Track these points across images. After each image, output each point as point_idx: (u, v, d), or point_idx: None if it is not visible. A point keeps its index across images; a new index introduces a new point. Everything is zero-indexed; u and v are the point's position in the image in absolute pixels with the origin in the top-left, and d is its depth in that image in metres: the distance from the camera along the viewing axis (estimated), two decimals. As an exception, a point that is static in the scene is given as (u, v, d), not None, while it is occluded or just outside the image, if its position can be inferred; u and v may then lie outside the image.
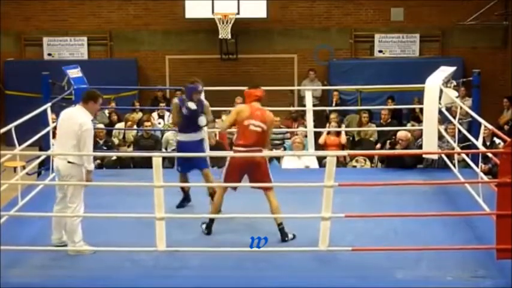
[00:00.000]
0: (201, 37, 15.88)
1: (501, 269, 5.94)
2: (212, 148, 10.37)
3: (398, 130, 10.16)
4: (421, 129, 9.63)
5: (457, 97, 8.96)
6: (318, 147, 10.85)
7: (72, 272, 6.09)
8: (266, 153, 7.80)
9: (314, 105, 10.78)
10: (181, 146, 7.81)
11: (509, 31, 15.68)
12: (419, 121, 12.47)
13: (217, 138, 11.33)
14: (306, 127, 10.35)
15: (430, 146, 9.06)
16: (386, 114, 12.63)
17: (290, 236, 6.73)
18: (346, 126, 13.02)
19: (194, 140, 7.72)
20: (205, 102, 7.93)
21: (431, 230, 6.77)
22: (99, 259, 6.24)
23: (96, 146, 10.72)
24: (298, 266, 6.12)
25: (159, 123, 13.24)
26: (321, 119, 13.02)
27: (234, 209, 7.32)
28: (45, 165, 9.04)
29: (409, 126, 12.41)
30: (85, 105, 6.59)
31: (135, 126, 12.44)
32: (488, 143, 9.74)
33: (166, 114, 13.51)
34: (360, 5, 16.08)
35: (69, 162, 6.45)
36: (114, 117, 13.46)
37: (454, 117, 8.86)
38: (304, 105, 10.49)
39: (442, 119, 9.45)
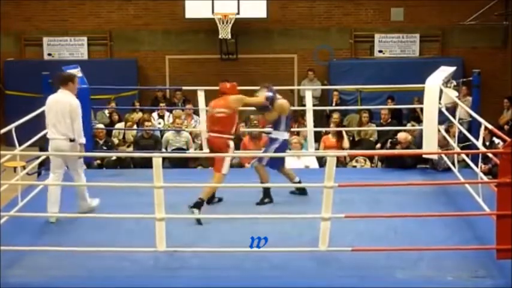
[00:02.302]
0: (201, 37, 15.89)
1: (501, 269, 5.94)
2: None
3: (399, 130, 10.17)
4: (421, 129, 9.63)
5: (457, 97, 8.95)
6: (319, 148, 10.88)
7: (72, 272, 6.08)
8: (267, 154, 7.83)
9: (314, 105, 10.78)
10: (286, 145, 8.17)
11: (509, 31, 15.68)
12: (419, 121, 12.48)
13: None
14: (305, 127, 10.35)
15: (430, 146, 9.05)
16: (386, 114, 12.64)
17: (196, 211, 7.13)
18: (346, 126, 13.04)
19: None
20: (279, 101, 7.95)
21: (431, 230, 6.77)
22: (99, 259, 6.24)
23: (96, 146, 10.74)
24: (298, 266, 6.12)
25: (159, 123, 13.24)
26: (320, 119, 13.03)
27: (234, 209, 7.34)
28: (45, 165, 9.04)
29: (409, 126, 12.42)
30: (66, 87, 7.35)
31: (135, 126, 12.44)
32: (487, 143, 9.73)
33: (166, 114, 13.51)
34: (360, 5, 16.09)
35: (70, 140, 7.27)
36: (115, 117, 13.46)
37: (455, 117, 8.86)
38: (304, 105, 10.51)
39: (443, 119, 9.44)
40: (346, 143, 11.18)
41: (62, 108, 7.27)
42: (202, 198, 7.25)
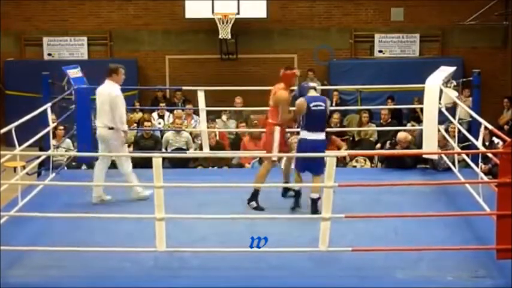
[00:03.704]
0: (201, 37, 15.88)
1: (501, 269, 5.94)
2: (212, 148, 10.41)
3: (399, 130, 10.16)
4: (421, 129, 9.63)
5: (457, 97, 8.95)
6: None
7: (72, 272, 6.08)
8: (266, 154, 7.83)
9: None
10: (305, 145, 7.55)
11: (509, 31, 15.68)
12: (419, 121, 12.47)
13: (218, 138, 11.35)
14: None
15: (430, 146, 9.05)
16: (386, 114, 12.63)
17: (252, 203, 7.55)
18: (346, 127, 13.03)
19: (320, 138, 7.57)
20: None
21: (431, 230, 6.77)
22: (99, 259, 6.24)
23: (96, 146, 10.71)
24: (298, 266, 6.12)
25: (159, 123, 13.24)
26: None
27: (234, 209, 7.34)
28: (45, 165, 9.04)
29: (409, 126, 12.42)
30: (111, 79, 7.96)
31: (135, 126, 12.43)
32: (487, 143, 9.73)
33: (166, 114, 13.51)
34: (360, 5, 16.08)
35: (109, 128, 7.82)
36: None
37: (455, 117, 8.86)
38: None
39: (443, 119, 9.44)
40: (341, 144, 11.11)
41: (103, 98, 7.88)
42: (256, 188, 7.53)
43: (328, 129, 11.19)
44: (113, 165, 10.75)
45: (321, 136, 7.54)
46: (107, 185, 7.99)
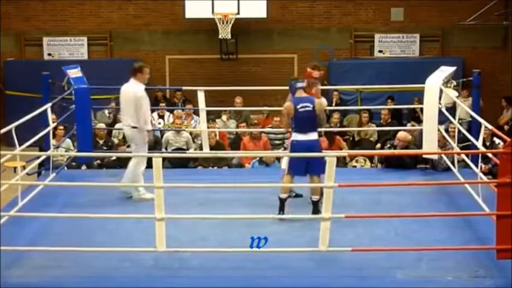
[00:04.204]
0: (201, 37, 15.89)
1: (501, 269, 5.94)
2: (212, 148, 10.42)
3: (399, 130, 10.17)
4: (421, 129, 9.63)
5: (457, 97, 8.96)
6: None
7: (72, 272, 6.08)
8: (269, 153, 7.82)
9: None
10: (297, 146, 7.36)
11: (509, 31, 15.67)
12: (419, 121, 12.47)
13: (218, 138, 11.36)
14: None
15: (430, 146, 9.05)
16: (386, 114, 12.64)
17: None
18: (346, 127, 13.04)
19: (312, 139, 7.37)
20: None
21: (431, 230, 6.77)
22: (99, 259, 6.24)
23: (96, 146, 10.75)
24: (298, 266, 6.12)
25: (159, 123, 13.24)
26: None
27: (234, 209, 7.34)
28: (45, 165, 9.04)
29: (409, 126, 12.42)
30: (135, 78, 7.98)
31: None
32: (488, 143, 9.73)
33: (166, 114, 13.51)
34: (360, 5, 16.09)
35: (132, 127, 7.88)
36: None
37: (455, 117, 8.86)
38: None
39: (442, 119, 9.44)
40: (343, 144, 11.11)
41: (127, 97, 7.94)
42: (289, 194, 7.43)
43: (328, 129, 11.33)
44: (115, 165, 10.81)
45: (313, 136, 7.36)
46: (107, 185, 7.99)
